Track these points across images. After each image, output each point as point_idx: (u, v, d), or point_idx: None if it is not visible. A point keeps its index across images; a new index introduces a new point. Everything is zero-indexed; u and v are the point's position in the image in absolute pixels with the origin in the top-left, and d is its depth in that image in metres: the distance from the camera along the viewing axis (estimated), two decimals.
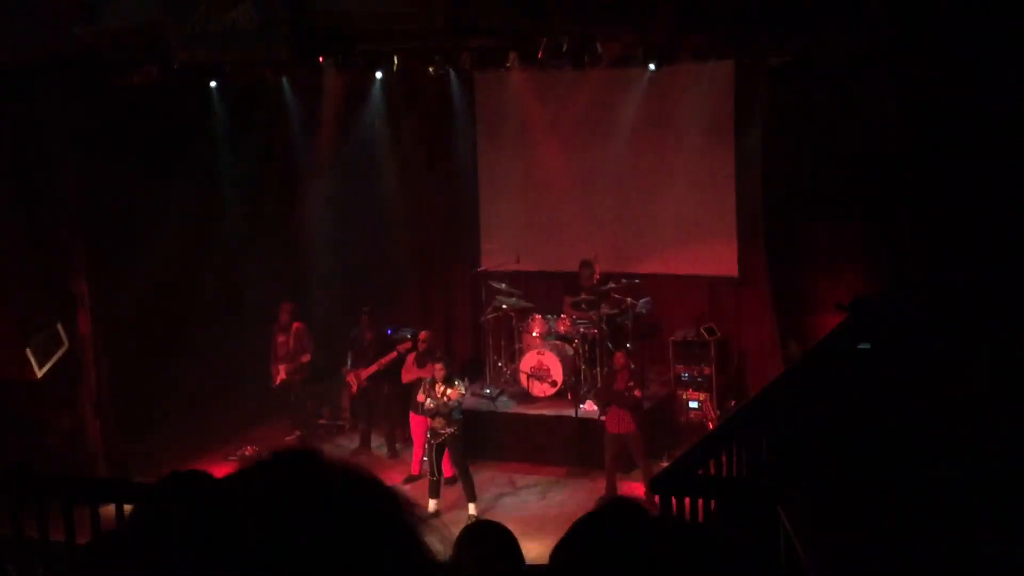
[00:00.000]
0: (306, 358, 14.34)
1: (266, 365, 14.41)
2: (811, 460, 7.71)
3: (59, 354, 12.09)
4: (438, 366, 12.05)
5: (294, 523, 1.13)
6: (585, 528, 1.89)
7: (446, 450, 12.05)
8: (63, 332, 12.14)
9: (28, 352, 11.81)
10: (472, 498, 12.01)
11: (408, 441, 13.36)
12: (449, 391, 11.91)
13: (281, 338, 14.24)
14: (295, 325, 14.23)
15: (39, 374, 11.89)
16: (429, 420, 12.05)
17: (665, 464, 11.54)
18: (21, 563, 7.25)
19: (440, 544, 1.26)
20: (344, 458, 1.27)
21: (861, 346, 9.05)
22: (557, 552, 1.90)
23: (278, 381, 14.25)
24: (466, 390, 12.25)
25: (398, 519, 1.21)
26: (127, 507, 6.84)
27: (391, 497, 1.24)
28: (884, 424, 7.84)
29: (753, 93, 13.14)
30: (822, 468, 7.49)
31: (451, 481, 12.37)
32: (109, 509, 7.21)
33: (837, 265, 12.77)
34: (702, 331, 13.68)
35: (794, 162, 12.61)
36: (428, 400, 11.98)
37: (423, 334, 13.20)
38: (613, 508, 1.94)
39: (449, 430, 11.96)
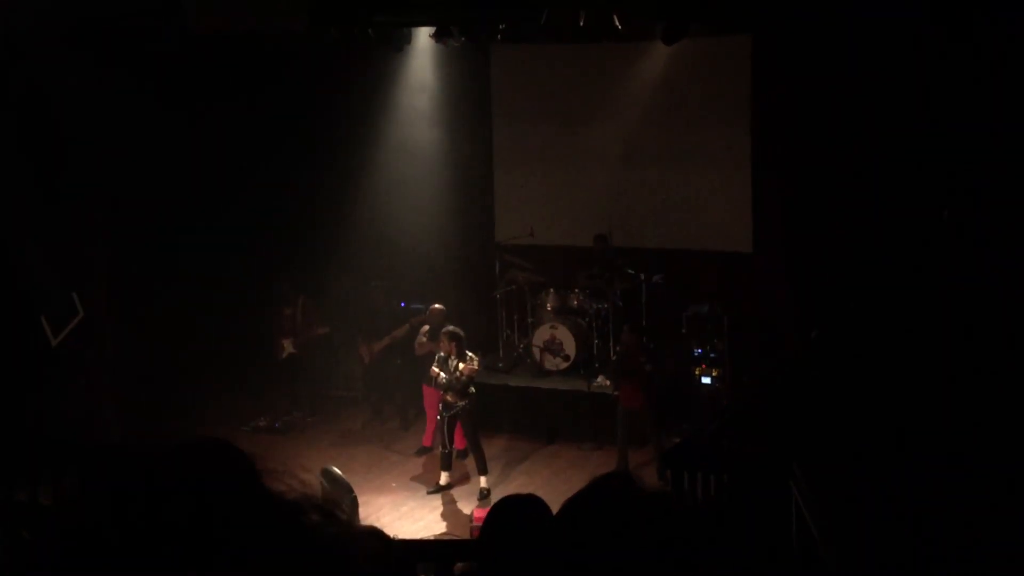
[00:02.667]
0: (323, 330, 14.35)
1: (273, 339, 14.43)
2: (823, 435, 7.71)
3: (74, 322, 12.13)
4: (447, 340, 12.06)
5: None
6: (573, 507, 1.89)
7: (458, 423, 12.07)
8: (78, 300, 12.18)
9: (43, 320, 11.85)
10: (483, 471, 12.04)
11: (421, 413, 13.39)
12: (462, 365, 11.92)
13: (287, 311, 14.23)
14: (300, 298, 14.22)
15: (54, 342, 11.94)
16: (442, 393, 12.07)
17: (677, 439, 11.57)
18: (35, 529, 7.30)
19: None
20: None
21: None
22: (551, 533, 1.90)
23: (284, 355, 14.25)
24: (479, 364, 12.26)
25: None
26: None
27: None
28: (896, 399, 7.84)
29: (770, 66, 13.08)
30: (834, 443, 7.49)
31: (463, 454, 12.41)
32: None
33: (849, 242, 12.72)
34: (716, 306, 13.65)
35: (811, 137, 12.56)
36: (441, 374, 11.99)
37: (436, 307, 13.21)
38: (600, 485, 1.93)
39: (461, 403, 11.97)
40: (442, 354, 12.08)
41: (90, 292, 12.40)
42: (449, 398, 11.98)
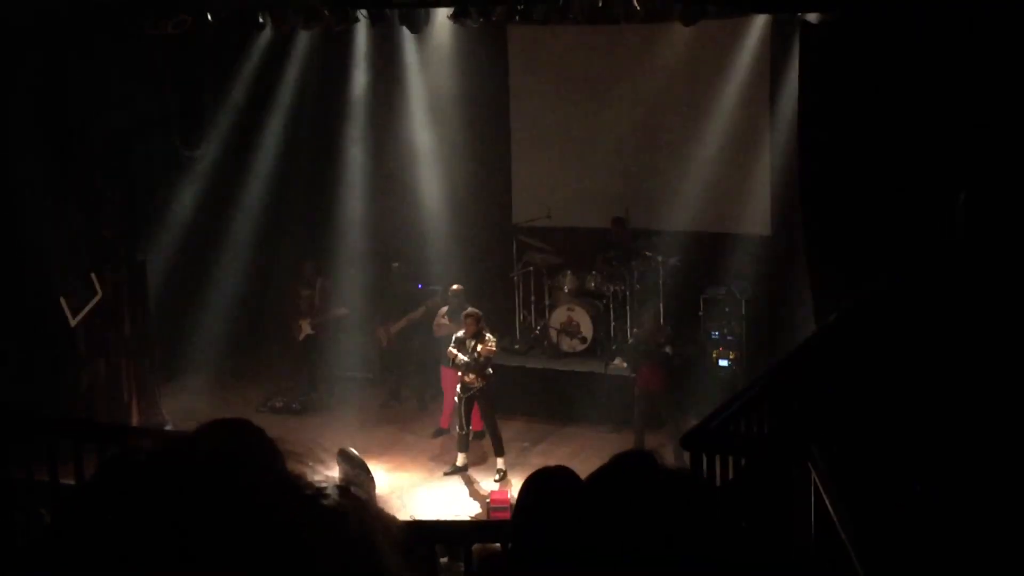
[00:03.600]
0: (342, 311, 14.38)
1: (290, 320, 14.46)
2: (841, 418, 7.70)
3: (93, 303, 12.17)
4: (469, 321, 12.06)
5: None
6: (595, 483, 1.89)
7: (475, 404, 12.09)
8: (97, 281, 12.22)
9: (62, 301, 11.90)
10: (500, 452, 12.06)
11: (437, 395, 13.41)
12: (480, 346, 11.93)
13: (305, 292, 14.25)
14: (319, 279, 14.25)
15: (73, 323, 11.99)
16: (460, 374, 12.08)
17: (694, 422, 11.55)
18: (55, 509, 7.33)
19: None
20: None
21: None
22: (573, 509, 1.89)
23: (302, 336, 14.27)
24: (496, 345, 12.27)
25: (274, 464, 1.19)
26: None
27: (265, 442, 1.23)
28: (914, 384, 7.81)
29: (790, 50, 13.00)
30: (852, 426, 7.47)
31: (480, 435, 12.42)
32: None
33: (873, 228, 12.65)
34: (733, 290, 13.62)
35: (831, 120, 12.48)
36: (459, 355, 12.01)
37: (454, 288, 13.21)
38: (621, 462, 1.93)
39: (479, 384, 11.99)
40: (460, 335, 12.09)
41: (109, 273, 12.43)
42: (467, 379, 11.99)
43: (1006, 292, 9.07)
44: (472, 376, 11.98)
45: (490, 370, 12.10)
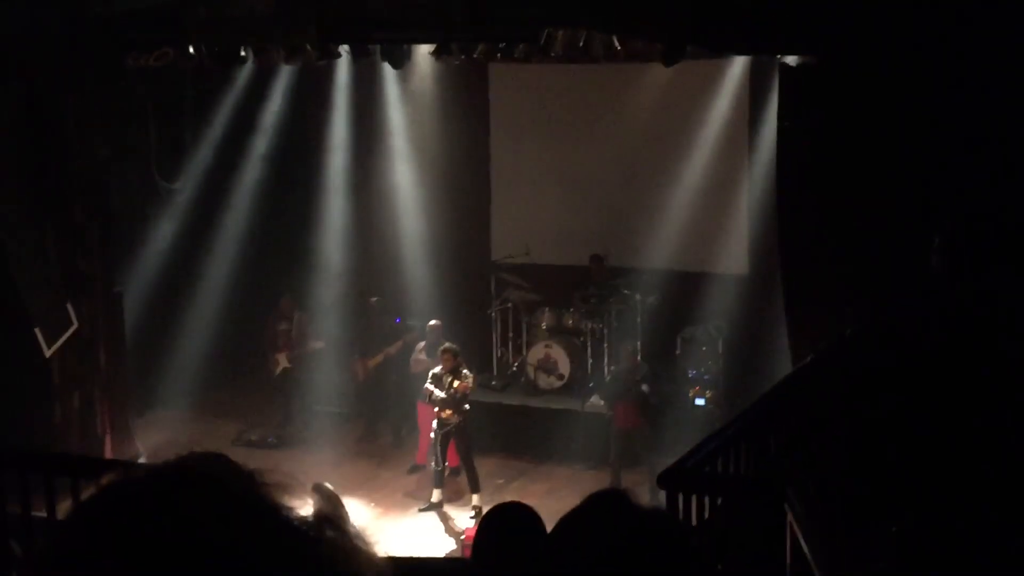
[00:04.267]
0: (318, 345, 14.35)
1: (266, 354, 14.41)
2: (818, 458, 7.70)
3: (68, 334, 12.09)
4: (447, 356, 12.04)
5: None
6: (569, 523, 1.88)
7: (452, 440, 12.05)
8: (72, 312, 12.15)
9: (37, 332, 11.81)
10: (476, 489, 12.02)
11: (413, 431, 13.36)
12: (457, 382, 11.90)
13: (282, 326, 14.21)
14: (296, 313, 14.23)
15: (48, 353, 11.90)
16: (436, 410, 12.04)
17: (670, 461, 11.53)
18: (25, 541, 7.26)
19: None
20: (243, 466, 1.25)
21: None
22: (546, 549, 1.89)
23: (279, 370, 14.22)
24: (474, 381, 12.24)
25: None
26: None
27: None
28: (892, 423, 7.82)
29: (769, 91, 13.09)
30: (829, 466, 7.47)
31: (456, 471, 12.38)
32: None
33: (850, 269, 12.70)
34: (711, 329, 13.64)
35: (809, 161, 12.55)
36: (435, 391, 11.97)
37: (432, 324, 13.20)
38: (596, 501, 1.93)
39: (455, 420, 11.96)
40: (437, 370, 12.06)
41: (85, 304, 12.37)
42: (444, 415, 11.96)
43: (982, 334, 9.11)
44: (449, 412, 11.94)
45: (467, 406, 12.07)
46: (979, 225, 10.48)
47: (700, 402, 13.25)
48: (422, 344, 13.18)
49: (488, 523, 4.00)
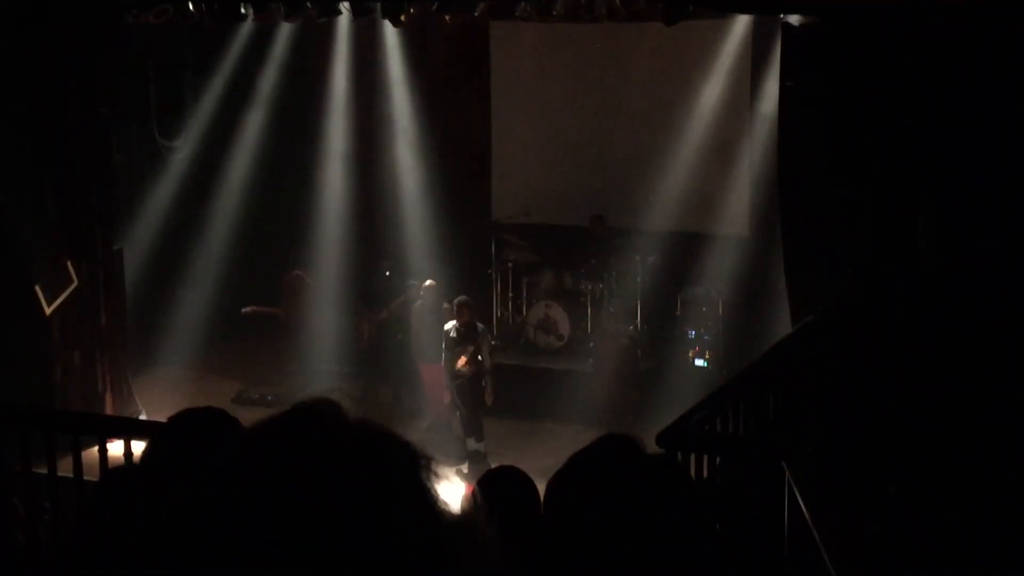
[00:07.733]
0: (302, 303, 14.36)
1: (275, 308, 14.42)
2: (817, 419, 7.73)
3: (68, 292, 12.10)
4: (464, 309, 12.02)
5: (307, 477, 1.11)
6: (579, 461, 1.89)
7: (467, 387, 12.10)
8: (72, 270, 12.15)
9: (37, 289, 11.82)
10: (480, 437, 12.08)
11: (414, 389, 13.37)
12: (487, 357, 11.98)
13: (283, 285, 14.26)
14: (295, 272, 14.24)
15: (48, 311, 11.91)
16: (444, 367, 12.07)
17: (667, 421, 11.56)
18: (28, 498, 7.30)
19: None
20: (360, 413, 1.24)
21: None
22: (553, 484, 1.90)
23: (281, 327, 14.24)
24: (481, 338, 12.22)
25: (413, 475, 1.18)
26: (136, 444, 6.87)
27: (406, 451, 1.22)
28: (890, 385, 7.85)
29: (771, 52, 13.03)
30: (828, 426, 7.51)
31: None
32: (117, 446, 7.25)
33: (851, 231, 12.69)
34: (711, 290, 13.65)
35: (811, 123, 12.51)
36: (446, 352, 12.01)
37: (428, 284, 13.19)
38: (606, 442, 1.94)
39: (468, 371, 11.99)
40: (451, 326, 12.02)
41: (85, 262, 12.37)
42: (459, 365, 11.98)
43: (976, 300, 9.13)
44: (464, 361, 11.97)
45: (479, 356, 12.09)
46: (959, 203, 10.48)
47: (700, 363, 13.27)
48: (418, 303, 13.17)
49: (481, 490, 4.01)
